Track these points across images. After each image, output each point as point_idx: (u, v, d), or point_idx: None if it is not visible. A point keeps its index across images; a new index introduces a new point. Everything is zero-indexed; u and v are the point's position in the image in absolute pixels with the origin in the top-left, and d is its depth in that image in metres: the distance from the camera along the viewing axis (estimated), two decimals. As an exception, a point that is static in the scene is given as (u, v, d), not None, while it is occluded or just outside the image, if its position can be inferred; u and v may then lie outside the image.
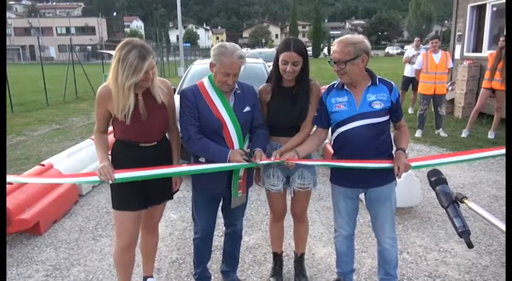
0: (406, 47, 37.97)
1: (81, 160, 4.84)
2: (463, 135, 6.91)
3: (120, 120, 2.16)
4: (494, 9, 7.93)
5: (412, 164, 2.26)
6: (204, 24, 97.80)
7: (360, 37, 2.22)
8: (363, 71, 2.25)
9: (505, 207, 4.04)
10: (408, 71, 8.99)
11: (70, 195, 4.23)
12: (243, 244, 3.34)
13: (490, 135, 6.77)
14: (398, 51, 54.33)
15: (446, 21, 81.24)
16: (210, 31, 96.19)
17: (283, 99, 2.43)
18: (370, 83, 2.25)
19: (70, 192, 4.22)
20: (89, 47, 54.85)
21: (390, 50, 59.80)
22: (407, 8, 70.12)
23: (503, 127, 7.15)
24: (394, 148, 2.35)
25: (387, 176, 2.31)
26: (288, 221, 2.90)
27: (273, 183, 2.54)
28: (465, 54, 8.83)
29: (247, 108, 2.37)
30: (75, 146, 5.25)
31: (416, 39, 9.35)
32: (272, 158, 2.30)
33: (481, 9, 8.41)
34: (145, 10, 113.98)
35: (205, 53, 46.20)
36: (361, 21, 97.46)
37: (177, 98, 5.95)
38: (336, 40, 2.25)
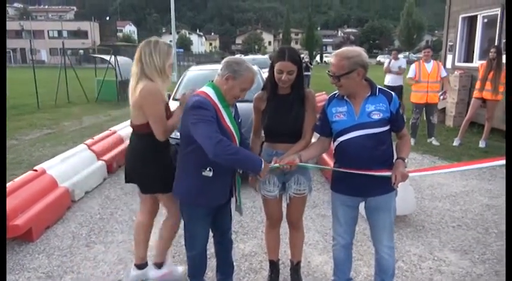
0: (387, 56, 38.54)
1: (74, 165, 4.78)
2: (454, 144, 6.99)
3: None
4: (485, 20, 8.08)
5: (412, 174, 2.29)
6: (197, 30, 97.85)
7: (357, 50, 2.23)
8: (361, 83, 2.27)
9: (497, 216, 4.09)
10: (389, 80, 9.20)
11: (62, 201, 4.18)
12: (239, 252, 3.34)
13: (481, 144, 6.86)
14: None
15: (436, 31, 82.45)
16: (203, 37, 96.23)
17: (279, 106, 2.48)
18: (369, 94, 2.28)
19: (62, 198, 4.17)
20: (81, 51, 54.52)
21: (382, 58, 60.32)
22: (398, 17, 70.95)
23: (494, 136, 7.26)
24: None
25: (387, 186, 2.31)
26: (284, 228, 2.90)
27: (269, 189, 2.57)
28: (456, 64, 8.97)
29: (240, 119, 2.46)
30: (68, 151, 5.19)
31: (393, 52, 9.60)
32: (272, 163, 2.34)
33: (472, 20, 8.57)
34: (138, 15, 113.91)
35: (198, 58, 46.21)
36: (354, 30, 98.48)
37: (172, 104, 5.91)
38: (334, 52, 2.29)
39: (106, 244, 3.54)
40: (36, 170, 4.21)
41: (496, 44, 7.39)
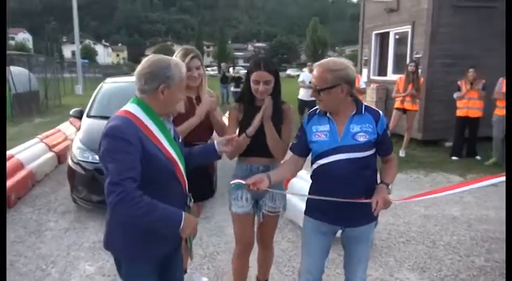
0: (304, 69, 40.83)
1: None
2: (378, 154, 7.22)
3: None
4: (397, 37, 8.63)
5: (396, 201, 2.05)
6: (103, 41, 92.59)
7: (344, 63, 1.97)
8: (345, 100, 2.00)
9: (438, 227, 4.14)
10: (303, 94, 9.45)
11: None
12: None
13: (401, 153, 7.17)
14: (298, 73, 57.76)
15: (337, 48, 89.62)
16: (109, 48, 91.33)
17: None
18: (354, 112, 2.01)
19: None
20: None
21: (291, 72, 63.26)
22: (303, 33, 75.41)
23: (411, 145, 7.67)
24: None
25: (368, 216, 2.06)
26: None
27: (241, 204, 2.41)
28: (372, 77, 9.44)
29: (180, 139, 1.96)
30: None
31: (308, 64, 9.89)
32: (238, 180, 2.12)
33: (384, 37, 9.11)
34: (34, 22, 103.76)
35: (105, 70, 43.35)
36: (263, 44, 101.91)
37: (86, 121, 5.06)
38: (317, 63, 2.03)
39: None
40: None
41: (408, 58, 7.91)
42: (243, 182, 2.06)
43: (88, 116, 4.97)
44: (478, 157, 6.78)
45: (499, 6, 7.34)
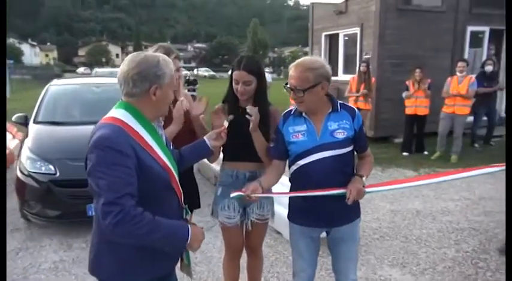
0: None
1: None
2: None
3: None
4: (346, 38, 8.92)
5: (370, 189, 2.04)
6: (29, 40, 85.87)
7: (320, 61, 1.99)
8: (323, 98, 2.02)
9: (406, 221, 4.28)
10: None
11: None
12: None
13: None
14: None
15: (276, 49, 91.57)
16: (37, 47, 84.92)
17: (241, 122, 2.15)
18: (331, 110, 2.03)
19: None
20: None
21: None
22: (243, 34, 76.01)
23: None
24: None
25: (352, 213, 2.12)
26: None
27: (229, 215, 2.33)
28: (322, 77, 9.67)
29: (171, 146, 1.82)
30: None
31: None
32: (235, 193, 1.99)
33: (333, 38, 9.37)
34: None
35: (33, 71, 40.31)
36: (203, 45, 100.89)
37: (32, 128, 4.59)
38: (293, 63, 2.00)
39: None
40: None
41: (358, 58, 8.20)
42: (241, 193, 1.96)
43: (35, 122, 4.48)
44: (425, 152, 7.19)
45: (439, 10, 7.90)
